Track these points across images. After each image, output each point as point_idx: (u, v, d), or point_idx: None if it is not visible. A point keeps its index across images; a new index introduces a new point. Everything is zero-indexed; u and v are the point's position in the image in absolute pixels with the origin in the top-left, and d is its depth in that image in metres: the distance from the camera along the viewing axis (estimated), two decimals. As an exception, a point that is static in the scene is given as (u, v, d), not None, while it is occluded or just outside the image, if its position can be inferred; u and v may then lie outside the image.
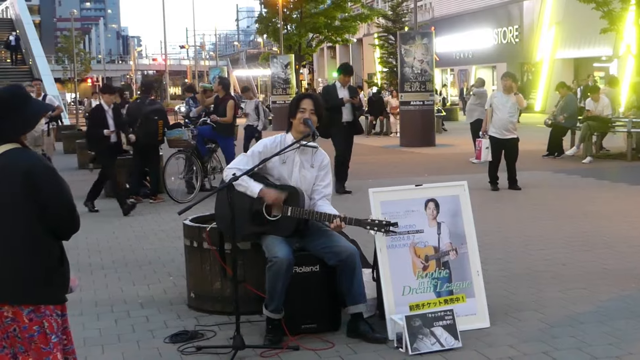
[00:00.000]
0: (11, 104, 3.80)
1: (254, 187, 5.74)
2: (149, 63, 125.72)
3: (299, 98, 6.04)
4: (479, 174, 14.20)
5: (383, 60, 43.62)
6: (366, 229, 5.62)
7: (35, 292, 3.77)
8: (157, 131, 12.93)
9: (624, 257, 8.11)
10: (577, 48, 36.98)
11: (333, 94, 13.15)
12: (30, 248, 3.74)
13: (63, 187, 3.77)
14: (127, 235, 10.29)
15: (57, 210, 3.74)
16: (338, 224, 5.55)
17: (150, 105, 13.19)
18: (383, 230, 5.53)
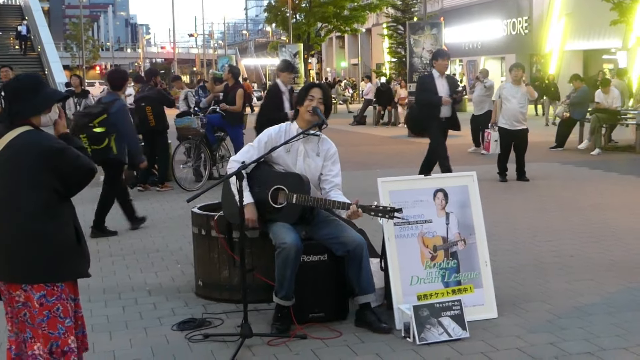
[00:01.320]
0: (22, 89, 3.94)
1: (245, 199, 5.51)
2: (157, 51, 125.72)
3: (309, 87, 6.03)
4: (487, 164, 14.19)
5: (392, 51, 43.48)
6: (370, 214, 5.60)
7: (50, 271, 3.88)
8: (145, 117, 12.98)
9: (631, 249, 8.10)
10: (587, 40, 36.83)
11: (430, 87, 11.57)
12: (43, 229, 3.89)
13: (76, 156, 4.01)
14: (135, 223, 10.30)
15: (77, 177, 4.04)
16: (355, 210, 5.51)
17: (144, 92, 13.32)
18: (387, 216, 5.51)
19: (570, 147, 18.51)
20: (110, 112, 9.27)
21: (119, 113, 9.35)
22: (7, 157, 3.87)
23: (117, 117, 9.30)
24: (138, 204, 11.70)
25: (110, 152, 9.30)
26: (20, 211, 3.85)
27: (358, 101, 49.14)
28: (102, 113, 9.24)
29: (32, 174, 3.86)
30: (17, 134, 3.90)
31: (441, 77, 11.58)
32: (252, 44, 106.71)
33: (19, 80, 4.03)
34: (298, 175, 5.78)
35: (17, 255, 3.85)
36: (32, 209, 3.86)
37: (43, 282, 3.88)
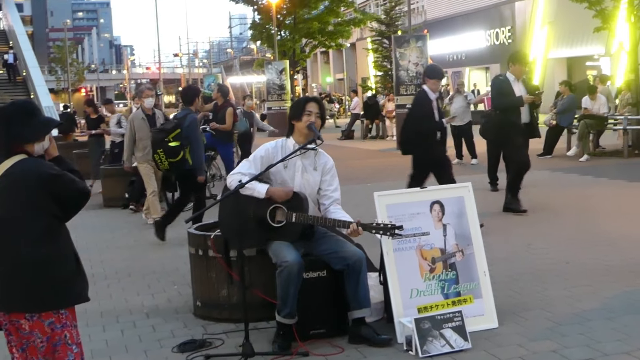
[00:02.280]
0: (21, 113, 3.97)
1: (261, 188, 5.72)
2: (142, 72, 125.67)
3: (305, 101, 6.01)
4: (477, 175, 14.23)
5: (377, 64, 43.61)
6: (372, 232, 5.62)
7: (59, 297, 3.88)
8: None
9: (626, 254, 8.13)
10: (570, 47, 37.05)
11: (508, 89, 10.69)
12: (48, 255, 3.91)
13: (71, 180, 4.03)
14: (129, 245, 10.29)
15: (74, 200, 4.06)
16: (355, 229, 5.54)
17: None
18: (389, 233, 5.53)
19: (558, 154, 18.58)
20: (184, 126, 9.85)
21: (191, 127, 9.93)
22: (5, 185, 3.88)
23: (189, 130, 9.89)
24: (130, 225, 11.73)
25: (186, 163, 9.88)
26: (23, 238, 3.85)
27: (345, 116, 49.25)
28: (176, 128, 9.84)
29: (32, 201, 3.87)
30: (13, 163, 3.91)
31: (517, 81, 10.83)
32: (237, 62, 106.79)
33: (17, 105, 4.04)
34: (296, 193, 5.77)
35: (23, 283, 3.84)
36: (34, 236, 3.86)
37: (51, 309, 3.88)
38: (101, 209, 13.56)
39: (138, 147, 11.35)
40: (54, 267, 3.90)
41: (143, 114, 11.47)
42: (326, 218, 5.74)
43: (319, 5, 43.84)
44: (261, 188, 5.74)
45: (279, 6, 41.23)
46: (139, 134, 11.31)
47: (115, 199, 13.84)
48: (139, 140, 11.32)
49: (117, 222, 12.05)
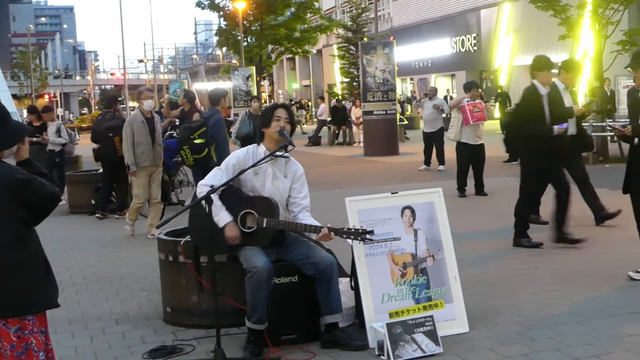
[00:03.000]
0: None
1: (222, 219, 5.69)
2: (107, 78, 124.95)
3: (273, 107, 6.04)
4: (445, 181, 14.29)
5: (344, 71, 43.75)
6: (342, 237, 5.63)
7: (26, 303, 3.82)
8: (114, 147, 12.81)
9: (594, 259, 8.21)
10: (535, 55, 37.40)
11: (557, 99, 9.27)
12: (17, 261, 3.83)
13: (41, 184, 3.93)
14: (96, 252, 10.19)
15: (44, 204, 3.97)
16: (326, 233, 5.56)
17: (109, 121, 13.09)
18: (360, 238, 5.55)
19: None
20: (209, 125, 10.64)
21: (216, 126, 10.71)
22: None
23: (215, 129, 10.66)
24: (98, 232, 11.63)
25: (211, 160, 10.41)
26: None
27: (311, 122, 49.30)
28: (202, 126, 10.66)
29: (1, 207, 3.80)
30: None
31: (566, 90, 9.73)
32: (202, 68, 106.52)
33: None
34: (267, 198, 5.77)
35: None
36: (4, 242, 3.80)
37: (18, 315, 3.82)
38: (67, 215, 13.43)
39: (135, 151, 10.68)
40: (23, 273, 3.83)
41: (142, 117, 10.81)
42: (297, 223, 5.74)
43: (286, 12, 43.95)
44: (223, 219, 5.69)
45: (245, 12, 41.23)
46: (138, 137, 10.68)
47: (82, 205, 13.72)
48: (136, 145, 10.67)
49: (83, 229, 11.94)
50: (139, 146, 10.68)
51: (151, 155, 10.73)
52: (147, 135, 10.71)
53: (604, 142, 18.58)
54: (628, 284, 7.11)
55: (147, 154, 10.63)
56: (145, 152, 10.65)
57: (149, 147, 10.68)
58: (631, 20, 25.85)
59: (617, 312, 6.24)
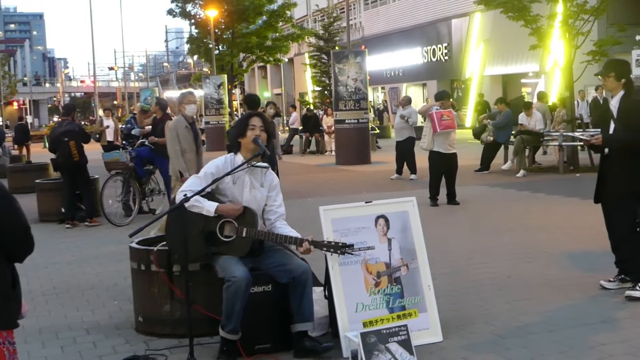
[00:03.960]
0: None
1: (210, 206, 5.73)
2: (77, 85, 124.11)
3: (248, 116, 6.04)
4: (417, 189, 14.33)
5: (316, 80, 43.79)
6: (322, 250, 5.63)
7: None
8: (70, 152, 12.75)
9: (565, 268, 8.26)
10: (505, 65, 37.69)
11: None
12: None
13: (16, 209, 3.72)
14: (67, 260, 10.10)
15: (12, 232, 3.70)
16: (307, 247, 5.58)
17: (65, 127, 13.03)
18: (339, 252, 5.57)
19: (495, 169, 18.84)
20: None
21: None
22: None
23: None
24: (68, 241, 11.51)
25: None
26: None
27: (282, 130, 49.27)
28: None
29: None
30: None
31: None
32: (173, 75, 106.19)
33: None
34: (247, 208, 5.76)
35: None
36: None
37: None
38: (36, 223, 13.28)
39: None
40: None
41: (186, 122, 10.30)
42: (277, 234, 5.75)
43: (258, 20, 43.89)
44: (210, 206, 5.73)
45: (216, 20, 41.12)
46: (183, 144, 10.13)
47: (51, 214, 13.58)
48: (182, 152, 10.13)
49: (53, 238, 11.82)
50: (184, 154, 10.15)
51: (195, 164, 10.08)
52: (191, 142, 10.21)
53: (574, 151, 18.72)
54: (600, 292, 7.15)
55: (192, 163, 10.09)
56: (191, 160, 10.12)
57: (193, 154, 10.16)
58: (601, 31, 26.09)
59: (589, 321, 6.27)
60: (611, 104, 7.21)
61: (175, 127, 10.26)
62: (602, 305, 6.73)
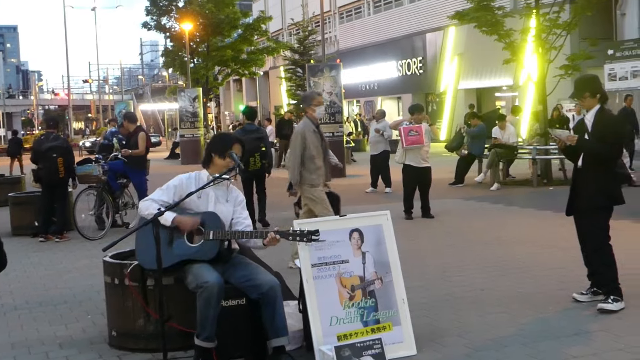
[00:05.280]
0: None
1: (167, 216, 5.76)
2: (50, 98, 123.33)
3: (233, 141, 6.09)
4: (392, 203, 14.36)
5: (291, 93, 43.84)
6: (289, 239, 5.67)
7: None
8: (57, 168, 12.63)
9: (539, 281, 8.29)
10: (479, 79, 37.94)
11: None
12: None
13: None
14: (39, 274, 10.01)
15: None
16: (273, 237, 5.66)
17: (53, 142, 12.84)
18: (305, 239, 5.60)
19: (470, 182, 18.93)
20: (264, 137, 13.41)
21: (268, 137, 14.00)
22: None
23: (267, 140, 13.66)
24: (41, 254, 11.42)
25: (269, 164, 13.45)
26: None
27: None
28: (261, 139, 13.09)
29: None
30: None
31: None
32: (148, 89, 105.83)
33: None
34: (213, 213, 5.84)
35: None
36: None
37: None
38: (9, 237, 13.17)
39: (308, 167, 9.17)
40: None
41: (314, 126, 9.29)
42: (242, 231, 5.84)
43: (233, 33, 43.96)
44: (168, 215, 5.76)
45: (192, 34, 41.12)
46: (311, 150, 9.13)
47: (24, 227, 13.48)
48: (308, 159, 9.16)
49: (26, 251, 11.73)
50: (312, 161, 9.16)
51: (324, 171, 9.29)
52: (319, 148, 9.25)
53: (547, 164, 18.86)
54: (573, 305, 7.19)
55: (321, 170, 9.22)
56: (320, 168, 9.21)
57: (322, 161, 9.24)
58: (573, 46, 26.35)
59: (562, 334, 6.31)
60: (586, 118, 7.27)
61: (303, 131, 9.21)
62: (575, 318, 6.77)
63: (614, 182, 7.20)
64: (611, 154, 7.12)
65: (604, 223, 7.15)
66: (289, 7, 60.78)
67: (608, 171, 7.12)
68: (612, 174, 7.20)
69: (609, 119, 7.24)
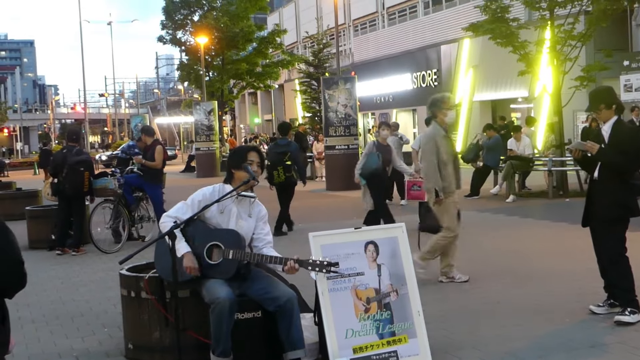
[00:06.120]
0: None
1: (181, 248, 5.78)
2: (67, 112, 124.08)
3: (246, 150, 6.11)
4: (407, 215, 14.34)
5: (306, 106, 43.92)
6: (307, 269, 5.65)
7: None
8: (82, 182, 12.70)
9: (555, 293, 8.27)
10: (494, 90, 37.86)
11: None
12: None
13: (11, 242, 3.65)
14: (56, 287, 10.06)
15: (6, 266, 3.62)
16: (292, 266, 5.60)
17: (77, 156, 12.87)
18: (325, 270, 5.58)
19: (485, 194, 18.89)
20: (291, 150, 13.85)
21: (297, 151, 14.31)
22: None
23: (296, 154, 14.07)
24: (57, 268, 11.47)
25: (293, 178, 13.88)
26: None
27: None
28: (287, 152, 13.67)
29: None
30: None
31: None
32: (164, 102, 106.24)
33: None
34: (233, 231, 5.81)
35: None
36: None
37: None
38: (26, 251, 13.24)
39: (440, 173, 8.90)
40: None
41: (444, 131, 9.01)
42: (262, 255, 5.81)
43: (248, 47, 44.10)
44: (182, 248, 5.78)
45: (207, 47, 41.29)
46: (443, 156, 8.87)
47: (41, 240, 13.55)
48: (441, 166, 8.88)
49: (43, 265, 11.79)
50: (445, 167, 8.91)
51: (455, 178, 9.02)
52: (450, 154, 8.97)
53: (563, 176, 18.81)
54: (589, 317, 7.17)
55: (451, 177, 8.95)
56: (450, 174, 8.94)
57: (452, 168, 8.97)
58: (588, 57, 26.29)
59: (578, 346, 6.29)
60: (603, 129, 7.24)
61: (434, 136, 8.94)
62: (591, 330, 6.74)
63: (630, 193, 7.17)
64: (628, 165, 7.10)
65: (620, 235, 7.12)
66: (304, 20, 60.95)
67: (624, 183, 7.10)
68: (628, 185, 7.18)
69: (626, 131, 7.22)
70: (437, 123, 9.01)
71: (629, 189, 7.19)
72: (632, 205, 7.12)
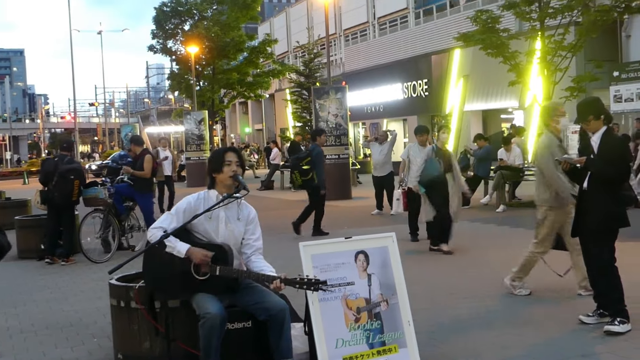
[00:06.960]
0: None
1: (181, 247, 5.72)
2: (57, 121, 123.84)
3: (223, 151, 6.06)
4: (397, 225, 14.35)
5: (297, 115, 43.94)
6: (295, 287, 5.61)
7: None
8: (72, 191, 12.64)
9: (546, 303, 8.28)
10: (485, 100, 37.94)
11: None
12: None
13: None
14: (45, 297, 10.01)
15: None
16: (278, 286, 5.55)
17: (68, 164, 12.85)
18: (312, 288, 5.55)
19: (475, 204, 18.91)
20: (313, 155, 14.63)
21: (317, 156, 14.74)
22: None
23: (316, 158, 14.67)
24: (46, 277, 11.43)
25: (313, 181, 14.63)
26: None
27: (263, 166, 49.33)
28: (308, 156, 14.73)
29: None
30: None
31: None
32: (154, 111, 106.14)
33: None
34: (220, 246, 5.77)
35: None
36: None
37: None
38: (15, 260, 13.19)
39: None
40: None
41: (558, 140, 8.41)
42: (250, 272, 5.76)
43: (238, 56, 44.13)
44: (181, 247, 5.73)
45: (197, 57, 41.29)
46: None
47: (30, 250, 13.49)
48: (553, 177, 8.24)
49: (32, 274, 11.74)
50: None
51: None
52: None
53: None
54: (579, 327, 7.18)
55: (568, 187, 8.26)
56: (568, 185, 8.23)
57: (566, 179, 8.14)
58: (579, 67, 26.39)
59: (569, 356, 6.29)
60: (592, 140, 7.27)
61: (549, 146, 8.29)
62: (582, 340, 6.76)
63: (619, 204, 7.19)
64: (618, 175, 7.13)
65: (610, 245, 7.14)
66: (295, 30, 61.06)
67: (613, 193, 7.12)
68: (618, 195, 7.19)
69: (615, 141, 7.25)
70: (551, 132, 8.44)
71: (619, 199, 7.21)
72: (622, 216, 7.14)
